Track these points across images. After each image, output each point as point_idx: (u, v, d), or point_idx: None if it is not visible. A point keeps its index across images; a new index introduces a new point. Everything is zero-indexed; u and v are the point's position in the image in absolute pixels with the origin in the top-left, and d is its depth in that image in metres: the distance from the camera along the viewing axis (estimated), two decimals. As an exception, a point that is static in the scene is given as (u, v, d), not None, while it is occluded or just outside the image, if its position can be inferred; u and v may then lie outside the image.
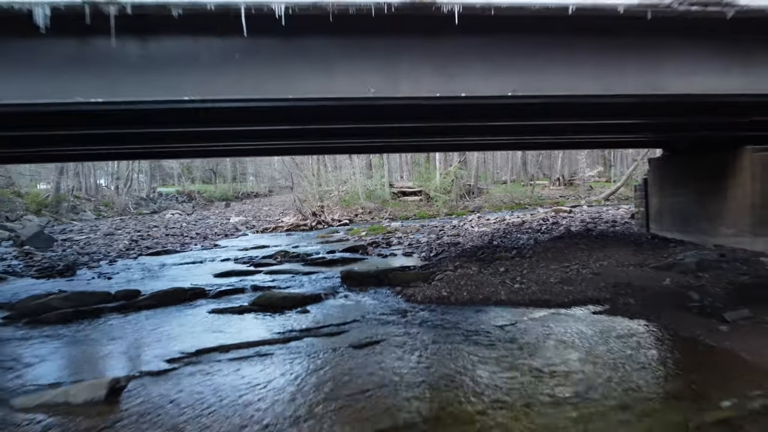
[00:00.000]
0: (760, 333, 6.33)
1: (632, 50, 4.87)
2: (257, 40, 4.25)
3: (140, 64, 4.39)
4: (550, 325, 7.12)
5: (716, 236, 11.09)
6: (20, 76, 4.26)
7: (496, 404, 4.62)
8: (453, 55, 4.64)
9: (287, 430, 4.31)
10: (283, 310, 8.45)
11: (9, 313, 8.64)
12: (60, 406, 4.90)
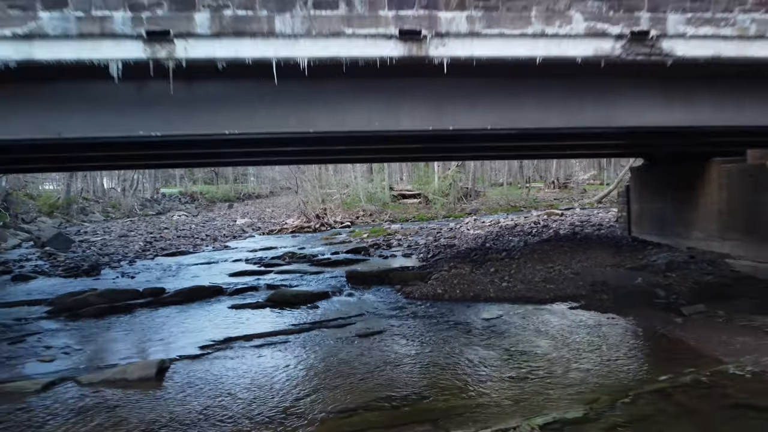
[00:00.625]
0: (708, 325, 7.37)
1: (591, 90, 5.89)
2: (284, 85, 5.26)
3: (189, 105, 5.42)
4: (530, 318, 8.16)
5: (689, 239, 12.12)
6: (96, 114, 5.29)
7: (474, 377, 5.66)
8: (443, 96, 5.67)
9: (306, 398, 5.34)
10: (295, 306, 9.48)
11: (50, 308, 9.67)
12: (119, 381, 5.93)
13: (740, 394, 5.05)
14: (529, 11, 5.31)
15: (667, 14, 5.48)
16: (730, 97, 6.08)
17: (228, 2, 5.01)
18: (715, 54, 5.55)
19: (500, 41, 5.29)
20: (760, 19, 5.58)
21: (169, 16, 4.94)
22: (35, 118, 5.33)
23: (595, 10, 5.40)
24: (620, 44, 5.44)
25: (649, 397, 5.09)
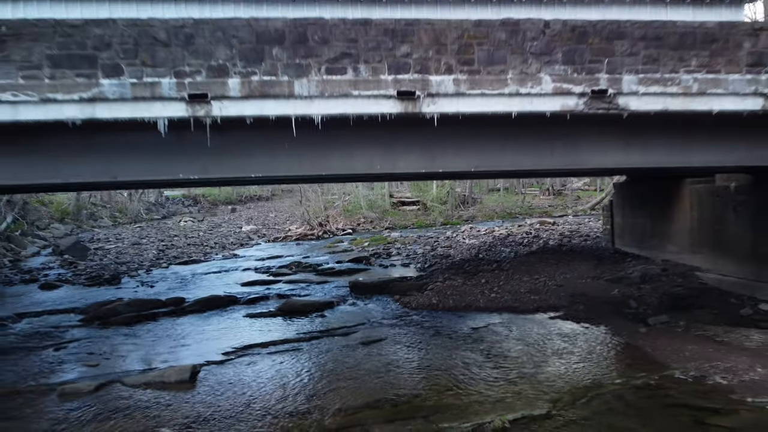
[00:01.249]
0: (667, 334, 8.40)
1: (559, 137, 6.92)
2: (301, 136, 6.28)
3: (221, 152, 6.46)
4: (513, 326, 9.21)
5: (665, 252, 13.16)
6: (145, 161, 6.34)
7: (459, 379, 6.71)
8: (434, 143, 6.70)
9: (318, 397, 6.38)
10: (304, 315, 10.52)
11: (83, 317, 10.72)
12: (158, 383, 6.97)
13: (679, 395, 6.10)
14: (505, 74, 6.37)
15: (622, 75, 6.53)
16: (679, 142, 7.13)
17: (255, 70, 6.07)
18: (663, 108, 6.60)
19: (482, 99, 6.34)
20: (701, 78, 6.63)
21: (206, 82, 6.00)
22: (96, 164, 6.39)
23: (561, 72, 6.45)
24: (583, 101, 6.49)
25: (603, 397, 6.13)
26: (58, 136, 6.16)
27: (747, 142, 7.19)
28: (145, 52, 5.94)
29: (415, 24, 6.32)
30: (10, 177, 6.45)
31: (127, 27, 5.96)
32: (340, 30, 6.21)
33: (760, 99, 6.68)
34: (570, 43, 6.48)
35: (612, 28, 6.57)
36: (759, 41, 6.73)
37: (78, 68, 5.84)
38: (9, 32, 5.80)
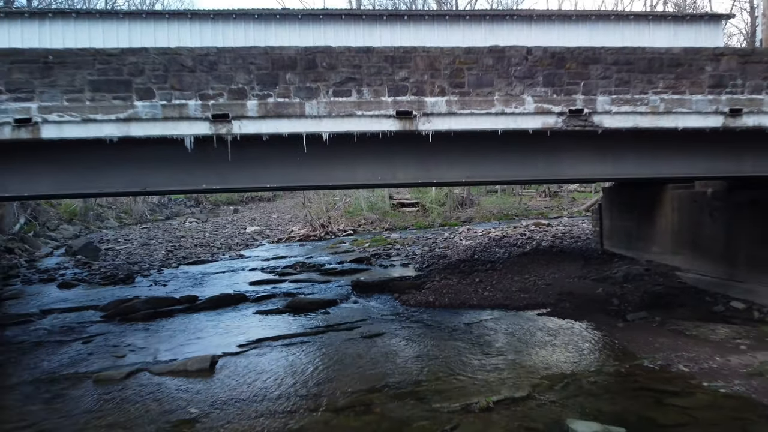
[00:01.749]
0: (643, 328, 9.20)
1: (541, 151, 7.70)
2: (311, 151, 7.06)
3: (239, 165, 7.25)
4: (503, 322, 10.01)
5: (649, 253, 13.96)
6: (171, 173, 7.14)
7: (452, 367, 7.50)
8: (428, 157, 7.49)
9: (326, 383, 7.17)
10: (310, 312, 11.31)
11: (104, 313, 11.51)
12: (181, 372, 7.77)
13: (645, 381, 6.90)
14: (492, 96, 7.16)
15: (597, 96, 7.32)
16: (648, 155, 7.93)
17: (271, 93, 6.87)
18: (633, 125, 7.39)
19: (471, 118, 7.14)
20: (668, 98, 7.43)
21: (228, 103, 6.79)
22: (129, 176, 7.20)
23: (542, 94, 7.24)
24: (561, 119, 7.28)
25: (578, 383, 6.93)
26: (95, 151, 6.95)
27: (710, 155, 7.99)
28: (173, 77, 6.74)
29: (412, 51, 7.12)
30: (54, 188, 7.26)
31: (158, 55, 6.77)
32: (345, 57, 7.00)
33: (721, 117, 7.47)
34: (550, 68, 7.27)
35: (587, 54, 7.36)
36: (720, 65, 7.53)
37: (115, 92, 6.64)
38: (55, 60, 6.60)
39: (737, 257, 11.01)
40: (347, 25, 11.70)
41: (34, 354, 8.86)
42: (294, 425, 5.96)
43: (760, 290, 10.28)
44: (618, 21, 12.79)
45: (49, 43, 11.07)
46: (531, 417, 5.97)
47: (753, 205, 10.55)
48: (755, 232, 10.51)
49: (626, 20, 12.87)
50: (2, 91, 6.51)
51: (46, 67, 6.57)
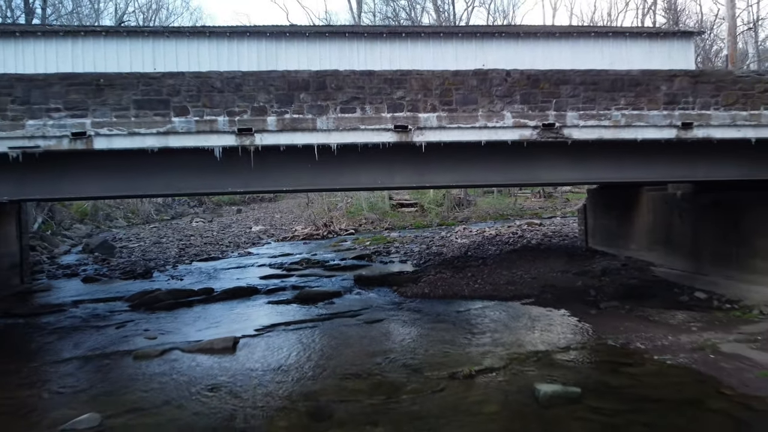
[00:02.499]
0: (613, 315, 10.39)
1: (519, 158, 8.89)
2: (321, 159, 8.24)
3: (260, 171, 8.43)
4: (490, 311, 11.20)
5: (627, 250, 15.16)
6: (202, 178, 8.34)
7: (442, 345, 8.70)
8: (422, 164, 8.68)
9: (333, 360, 8.36)
10: (317, 302, 12.49)
11: (130, 303, 12.70)
12: (208, 350, 8.95)
13: (605, 356, 8.09)
14: (476, 112, 8.36)
15: (566, 112, 8.52)
16: (613, 162, 9.13)
17: (287, 110, 8.07)
18: (598, 137, 8.59)
19: (458, 131, 8.34)
20: (628, 114, 8.62)
21: (251, 119, 8.00)
22: (164, 180, 8.40)
23: (519, 110, 8.44)
24: (536, 131, 8.48)
25: (549, 357, 8.11)
26: (138, 159, 8.16)
27: (667, 162, 9.18)
28: (205, 97, 7.94)
29: (408, 74, 8.33)
30: (101, 190, 8.49)
31: (192, 78, 7.98)
32: (350, 79, 8.21)
33: (674, 130, 8.67)
34: (526, 88, 8.48)
35: (558, 75, 8.57)
36: (673, 84, 8.73)
37: (156, 109, 7.85)
38: (105, 83, 7.81)
39: (702, 253, 12.23)
40: (350, 42, 12.88)
41: (75, 336, 10.06)
42: (307, 389, 7.15)
43: (721, 282, 11.49)
44: (598, 38, 13.98)
45: (82, 59, 12.27)
46: (506, 382, 7.17)
47: (715, 206, 11.77)
48: (717, 230, 11.73)
49: (606, 37, 14.06)
50: (61, 108, 7.72)
51: (97, 89, 7.78)
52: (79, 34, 12.46)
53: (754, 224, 10.71)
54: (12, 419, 6.38)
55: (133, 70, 11.58)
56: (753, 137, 8.78)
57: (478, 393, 6.82)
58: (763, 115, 8.75)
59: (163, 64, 12.20)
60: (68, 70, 12.00)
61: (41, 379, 7.82)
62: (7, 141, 7.63)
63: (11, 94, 7.65)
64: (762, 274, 10.50)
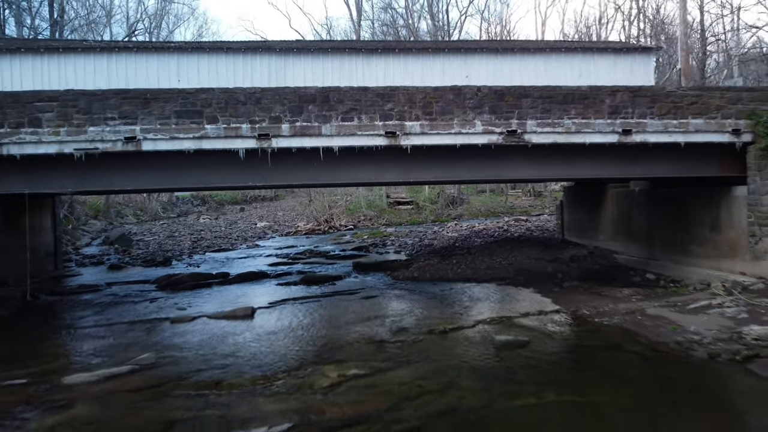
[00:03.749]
0: (572, 292, 12.25)
1: (488, 159, 10.73)
2: (325, 159, 10.08)
3: (275, 169, 10.28)
4: (469, 289, 13.06)
5: (596, 240, 17.03)
6: (227, 174, 10.21)
7: (427, 313, 10.57)
8: (409, 163, 10.53)
9: (335, 325, 10.21)
10: (320, 284, 14.34)
11: (156, 285, 14.55)
12: (231, 317, 10.80)
13: (557, 320, 9.95)
14: (452, 121, 10.23)
15: (527, 120, 10.39)
16: (566, 162, 11.00)
17: (297, 119, 9.94)
18: (553, 141, 10.46)
19: (437, 136, 10.21)
20: (578, 122, 10.49)
21: (268, 126, 9.86)
22: (197, 176, 10.27)
23: (488, 119, 10.31)
24: (501, 137, 10.35)
25: (511, 321, 9.96)
26: (176, 158, 10.02)
27: (610, 162, 11.05)
28: (231, 108, 9.81)
29: (396, 90, 10.20)
30: (147, 183, 10.38)
31: (221, 93, 9.85)
32: (349, 94, 10.08)
33: (616, 135, 10.54)
34: (493, 101, 10.35)
35: (520, 90, 10.44)
36: (616, 98, 10.60)
37: (192, 118, 9.72)
38: (151, 96, 9.68)
39: (655, 241, 14.10)
40: (350, 57, 14.74)
41: (117, 308, 11.92)
42: (314, 341, 9.01)
43: (668, 265, 13.35)
44: (568, 53, 15.84)
45: (116, 72, 14.13)
46: (473, 336, 9.03)
47: (664, 200, 13.65)
48: (666, 221, 13.60)
49: (575, 52, 15.92)
50: (116, 117, 9.59)
51: (145, 101, 9.65)
52: (114, 50, 14.31)
53: (692, 215, 12.57)
54: (90, 357, 8.26)
55: (160, 83, 13.51)
56: (682, 141, 10.66)
57: (450, 342, 8.69)
58: (690, 123, 10.63)
59: (186, 77, 14.04)
60: (104, 82, 13.87)
61: (102, 335, 9.69)
62: (73, 144, 9.50)
63: (76, 105, 9.52)
64: (699, 257, 12.37)
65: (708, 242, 12.16)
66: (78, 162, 9.67)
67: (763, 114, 10.69)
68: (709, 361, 7.34)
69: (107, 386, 7.05)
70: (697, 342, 7.85)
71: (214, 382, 7.09)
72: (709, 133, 10.71)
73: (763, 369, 6.83)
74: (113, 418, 6.10)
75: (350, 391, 6.69)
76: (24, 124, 9.40)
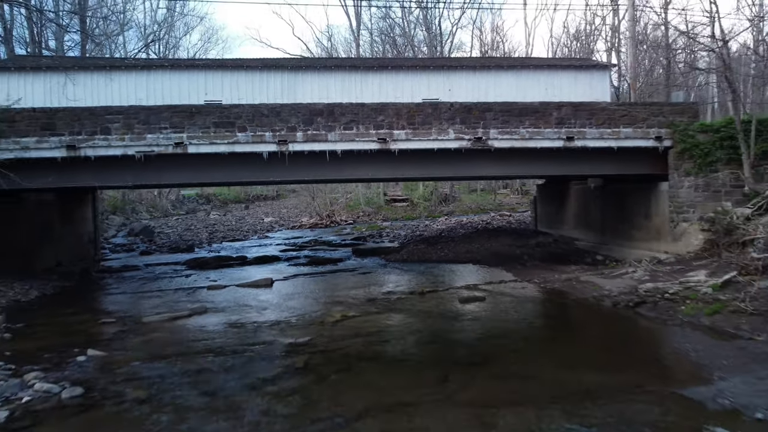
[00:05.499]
0: (532, 268, 14.95)
1: (459, 160, 13.40)
2: (331, 160, 12.73)
3: (292, 167, 12.95)
4: (449, 268, 15.80)
5: (562, 230, 19.77)
6: (253, 171, 12.94)
7: (413, 283, 13.30)
8: (397, 163, 13.22)
9: (336, 291, 12.94)
10: (324, 264, 17.08)
11: (186, 265, 17.28)
12: (254, 285, 13.51)
13: (514, 287, 12.68)
14: (431, 129, 12.95)
15: (490, 129, 13.11)
16: (522, 162, 13.72)
17: (309, 128, 12.67)
18: (511, 146, 13.19)
19: (419, 142, 12.94)
20: (531, 131, 13.21)
21: (286, 134, 12.59)
22: (228, 172, 13.03)
23: (459, 128, 13.03)
24: (470, 142, 13.07)
25: (476, 286, 12.69)
26: (213, 159, 12.74)
27: (558, 162, 13.77)
28: (257, 119, 12.53)
29: (387, 105, 12.94)
30: (191, 178, 13.12)
31: (249, 107, 12.59)
32: (349, 108, 12.81)
33: (562, 141, 13.24)
34: (464, 114, 13.07)
35: (485, 106, 13.17)
36: (561, 112, 13.31)
37: (226, 128, 12.44)
38: (195, 111, 12.42)
39: (605, 229, 16.84)
40: (350, 73, 17.46)
41: (160, 281, 14.65)
42: (322, 302, 11.74)
43: (614, 248, 16.07)
44: (536, 69, 18.55)
45: (153, 87, 16.84)
46: (444, 295, 11.75)
47: (613, 194, 16.38)
48: (614, 212, 16.33)
49: (542, 68, 18.63)
50: (167, 127, 12.31)
51: (190, 114, 12.39)
52: (152, 68, 17.02)
53: (632, 207, 15.29)
54: (154, 309, 11.01)
55: (190, 97, 16.24)
56: (615, 146, 13.37)
57: (426, 299, 11.43)
58: (622, 132, 13.35)
59: (212, 91, 16.73)
60: (143, 96, 16.57)
61: (157, 297, 12.42)
62: (135, 147, 12.22)
63: (137, 117, 12.25)
64: (637, 240, 15.09)
65: (643, 228, 14.90)
66: (137, 162, 12.39)
67: (680, 124, 13.41)
68: (612, 307, 10.07)
69: (175, 323, 9.79)
70: (607, 296, 10.59)
71: (251, 321, 9.82)
72: (637, 139, 13.42)
73: (645, 310, 9.56)
74: (182, 338, 8.83)
75: (350, 324, 9.43)
76: (97, 132, 12.14)
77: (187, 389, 6.43)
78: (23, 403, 5.92)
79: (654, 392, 5.86)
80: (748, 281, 9.00)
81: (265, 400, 6.07)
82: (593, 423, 5.18)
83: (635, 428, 5.04)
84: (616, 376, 6.45)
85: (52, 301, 12.26)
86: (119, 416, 5.70)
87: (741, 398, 5.44)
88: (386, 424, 5.34)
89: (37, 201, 15.51)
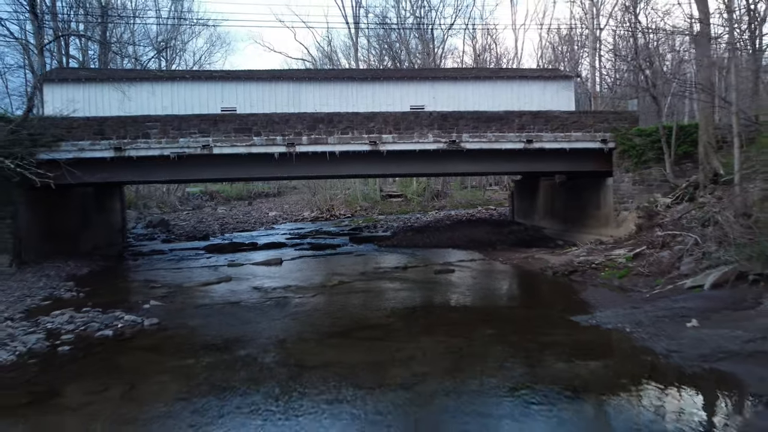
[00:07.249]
0: (500, 251, 17.65)
1: (439, 159, 16.02)
2: (331, 159, 15.42)
3: (298, 165, 15.59)
4: (431, 251, 18.52)
5: (534, 220, 22.49)
6: (266, 168, 15.62)
7: (400, 262, 16.02)
8: (386, 161, 15.86)
9: (336, 268, 15.65)
10: (325, 249, 19.80)
11: (205, 250, 19.98)
12: (266, 263, 16.23)
13: (478, 263, 15.41)
14: (414, 134, 15.66)
15: (462, 134, 15.80)
16: (490, 160, 16.43)
17: (312, 133, 15.38)
18: (480, 147, 15.90)
19: (405, 144, 15.64)
20: (497, 135, 15.91)
21: (293, 138, 15.30)
22: (245, 169, 15.76)
23: (437, 133, 15.73)
24: (446, 145, 15.77)
25: (450, 263, 15.40)
26: (234, 159, 15.43)
27: (520, 161, 16.48)
28: (270, 126, 15.23)
29: (376, 114, 15.64)
30: (215, 174, 15.84)
31: (263, 116, 15.30)
32: (346, 117, 15.52)
33: (522, 143, 15.93)
34: (440, 121, 15.76)
35: (458, 114, 15.88)
36: (522, 119, 16.01)
37: (244, 133, 15.14)
38: (219, 118, 15.13)
39: (567, 218, 19.57)
40: (347, 84, 20.09)
41: (187, 261, 17.36)
42: (323, 274, 14.45)
43: (574, 234, 18.78)
44: (509, 79, 21.17)
45: (177, 96, 19.47)
46: (423, 270, 14.48)
47: (573, 188, 19.11)
48: (574, 204, 19.05)
49: (514, 78, 21.24)
50: (196, 132, 15.02)
51: (215, 122, 15.10)
52: (175, 79, 19.65)
53: (588, 199, 18.00)
54: (188, 279, 13.72)
55: (209, 105, 18.87)
56: (567, 147, 16.07)
57: (408, 272, 14.16)
58: (572, 136, 16.05)
59: (228, 99, 19.33)
60: (169, 104, 19.18)
61: (187, 272, 15.13)
62: (170, 149, 14.92)
63: (172, 124, 14.95)
64: (590, 227, 17.80)
65: (595, 217, 17.61)
66: (171, 161, 15.08)
67: (622, 129, 16.11)
68: (552, 276, 12.77)
69: (208, 287, 12.52)
70: (550, 267, 13.29)
71: (267, 286, 12.53)
72: (586, 141, 16.12)
73: (575, 277, 12.26)
74: (216, 295, 11.54)
75: (345, 287, 12.16)
76: (139, 136, 14.83)
77: (228, 319, 9.18)
78: (119, 327, 8.64)
79: (552, 317, 8.61)
80: (651, 253, 11.72)
81: (280, 323, 8.81)
82: (507, 330, 7.92)
83: (535, 332, 7.78)
84: (534, 311, 9.28)
85: (102, 274, 14.98)
86: (187, 333, 8.43)
87: (602, 320, 8.18)
88: (369, 336, 8.07)
89: (81, 194, 18.22)
